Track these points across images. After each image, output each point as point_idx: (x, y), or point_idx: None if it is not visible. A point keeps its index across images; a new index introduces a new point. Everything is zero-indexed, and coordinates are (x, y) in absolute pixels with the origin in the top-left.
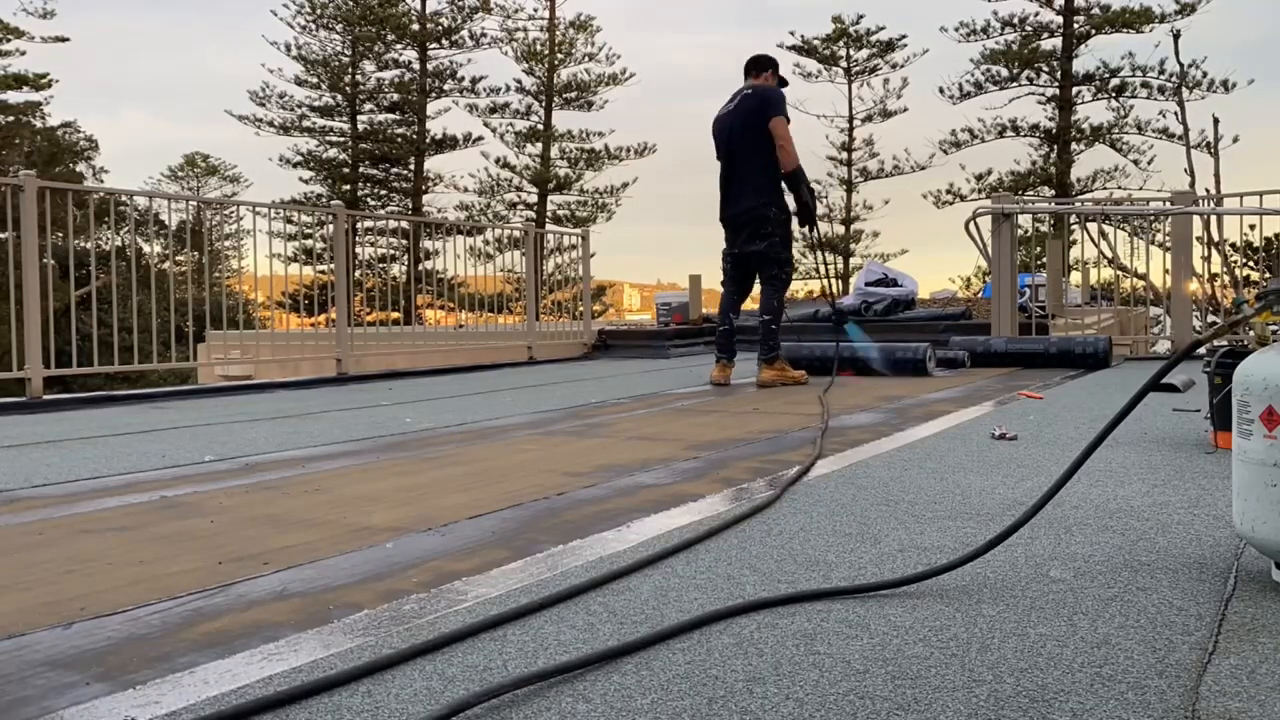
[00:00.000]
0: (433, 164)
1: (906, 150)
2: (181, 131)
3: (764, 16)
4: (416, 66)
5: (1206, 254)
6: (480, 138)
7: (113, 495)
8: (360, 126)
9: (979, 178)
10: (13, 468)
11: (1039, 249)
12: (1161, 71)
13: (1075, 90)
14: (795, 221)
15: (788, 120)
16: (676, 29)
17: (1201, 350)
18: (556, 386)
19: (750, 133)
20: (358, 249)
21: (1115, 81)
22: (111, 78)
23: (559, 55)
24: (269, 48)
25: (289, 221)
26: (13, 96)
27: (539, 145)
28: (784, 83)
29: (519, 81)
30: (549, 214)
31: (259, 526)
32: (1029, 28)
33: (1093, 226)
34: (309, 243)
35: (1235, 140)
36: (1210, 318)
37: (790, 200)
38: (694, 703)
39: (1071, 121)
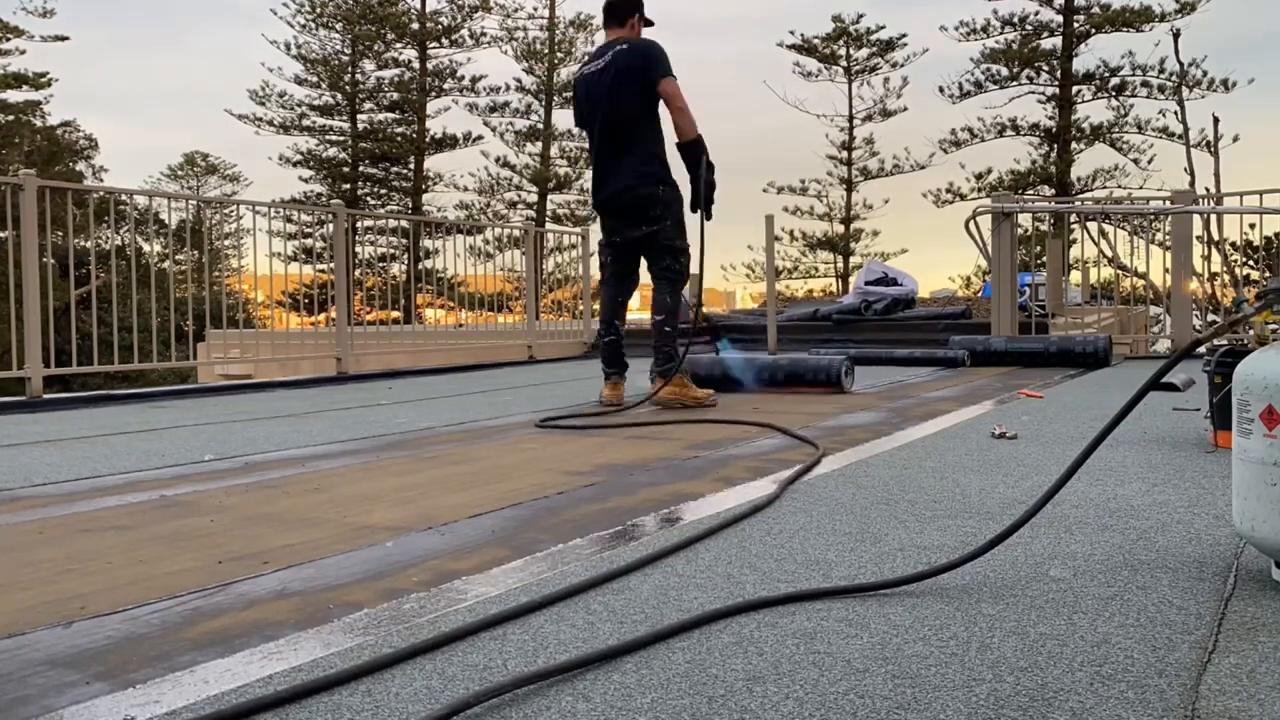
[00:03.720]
0: (432, 163)
1: (906, 149)
2: (181, 131)
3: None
4: (416, 65)
5: (1206, 253)
6: (480, 137)
7: (112, 494)
8: (360, 125)
9: (979, 177)
10: (12, 467)
11: (1039, 248)
12: (1161, 70)
13: (1075, 89)
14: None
15: (675, 78)
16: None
17: (1201, 349)
18: (557, 385)
19: (629, 97)
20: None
21: (1115, 81)
22: (111, 77)
23: (559, 54)
24: (269, 46)
25: (289, 220)
26: (12, 95)
27: (539, 144)
28: (650, 23)
29: (519, 80)
30: (549, 213)
31: (259, 526)
32: (1029, 27)
33: (1093, 225)
34: (309, 242)
35: (1235, 139)
36: (1210, 317)
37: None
38: (694, 702)
39: (1071, 121)
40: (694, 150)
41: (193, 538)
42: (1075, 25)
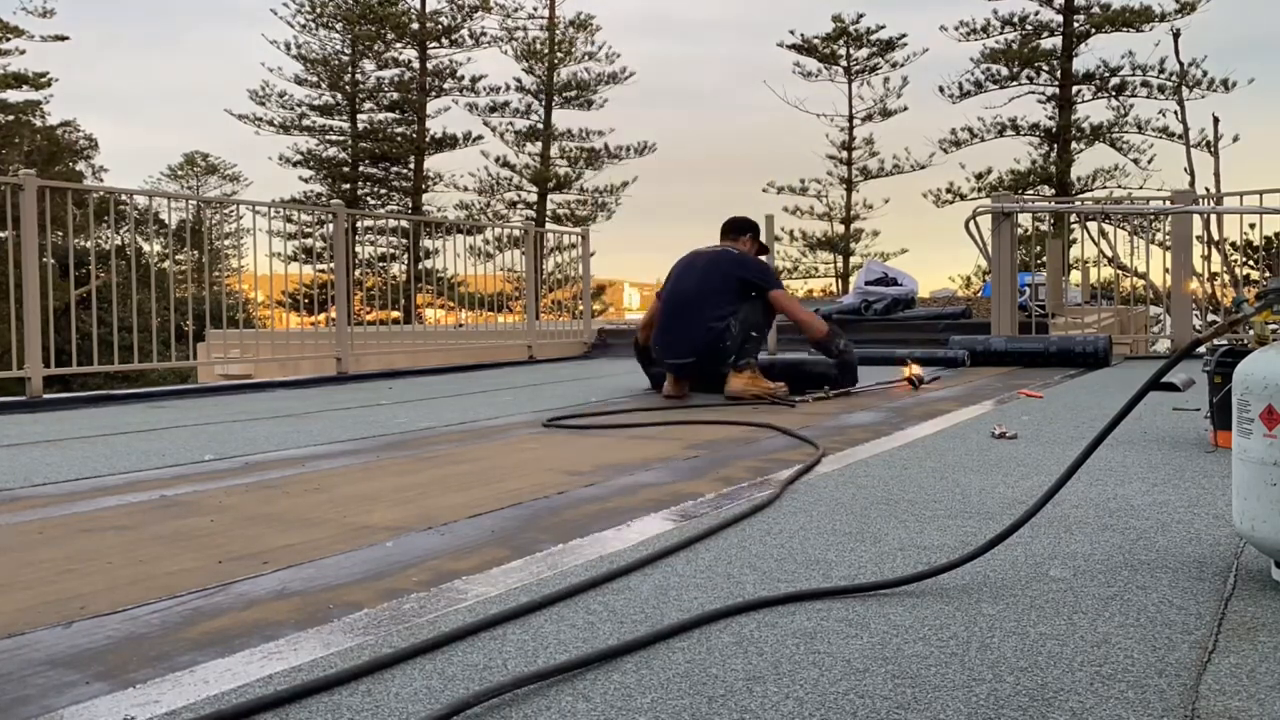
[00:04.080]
0: (432, 163)
1: (906, 149)
2: (181, 131)
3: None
4: (416, 65)
5: (1206, 253)
6: (480, 137)
7: (112, 494)
8: (360, 125)
9: (979, 176)
10: (12, 467)
11: (1039, 248)
12: (1161, 70)
13: (1075, 89)
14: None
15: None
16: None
17: (1201, 349)
18: (557, 385)
19: (713, 286)
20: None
21: (1115, 80)
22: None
23: (559, 54)
24: (269, 46)
25: (289, 220)
26: (12, 95)
27: (539, 144)
28: (765, 249)
29: (519, 80)
30: (549, 213)
31: (259, 526)
32: (1029, 26)
33: (1093, 225)
34: (309, 242)
35: (1235, 139)
36: (1210, 317)
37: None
38: (694, 702)
39: (1071, 120)
40: (826, 346)
41: (193, 538)
42: (1075, 25)
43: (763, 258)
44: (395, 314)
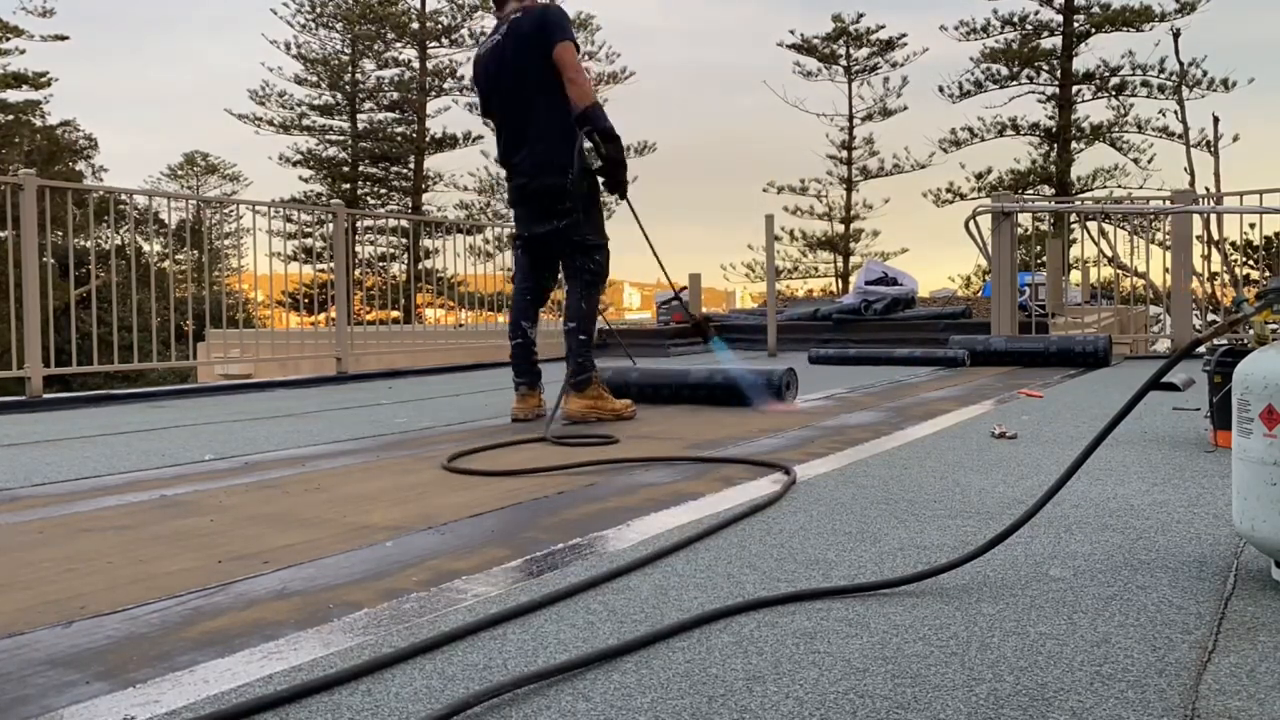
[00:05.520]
0: (432, 162)
1: (906, 149)
2: (181, 131)
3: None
4: (416, 65)
5: (1206, 253)
6: (480, 136)
7: (112, 494)
8: (360, 125)
9: (979, 176)
10: (12, 467)
11: (1039, 248)
12: (1161, 70)
13: (1075, 89)
14: (603, 187)
15: (576, 46)
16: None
17: (1201, 349)
18: (557, 385)
19: (528, 71)
20: (357, 248)
21: (1115, 80)
22: (111, 77)
23: None
24: (269, 46)
25: (289, 220)
26: (12, 95)
27: None
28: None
29: None
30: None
31: (259, 525)
32: (1029, 26)
33: (1093, 225)
34: (309, 241)
35: (1235, 139)
36: (1210, 316)
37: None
38: (694, 701)
39: (1071, 120)
40: (588, 119)
41: (193, 537)
42: (1075, 25)
43: None
44: (395, 314)
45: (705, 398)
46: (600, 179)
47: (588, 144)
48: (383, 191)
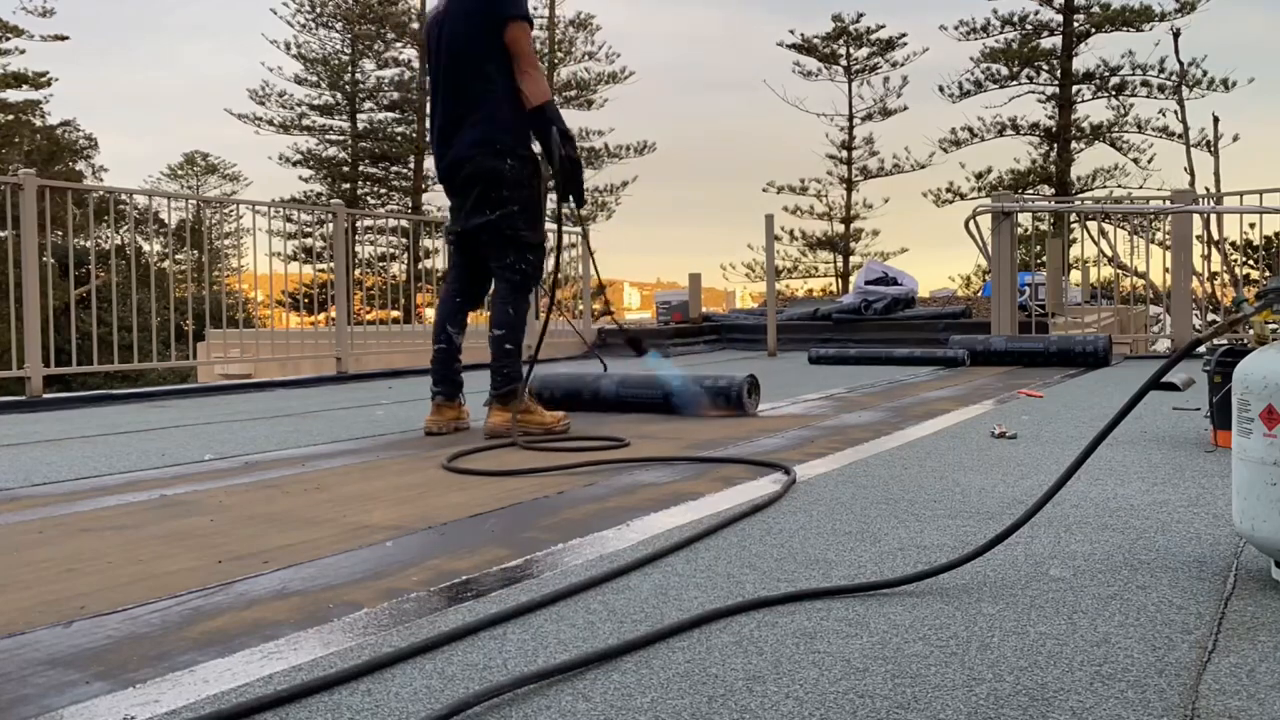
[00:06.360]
0: (432, 162)
1: (906, 149)
2: (181, 131)
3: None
4: (416, 65)
5: (1206, 253)
6: None
7: (112, 494)
8: (360, 125)
9: (979, 176)
10: (12, 466)
11: (1039, 247)
12: (1161, 70)
13: (1075, 89)
14: (554, 186)
15: (530, 24)
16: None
17: (1201, 349)
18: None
19: (470, 43)
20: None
21: (1115, 80)
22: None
23: (559, 54)
24: (269, 46)
25: (289, 220)
26: (12, 95)
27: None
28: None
29: None
30: (548, 212)
31: (259, 525)
32: (1029, 26)
33: (1093, 225)
34: (309, 241)
35: (1235, 139)
36: (1210, 316)
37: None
38: (694, 701)
39: (1071, 120)
40: (540, 119)
41: (192, 537)
42: (1075, 24)
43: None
44: (395, 314)
45: (638, 407)
46: (550, 181)
47: (551, 140)
48: (383, 191)
